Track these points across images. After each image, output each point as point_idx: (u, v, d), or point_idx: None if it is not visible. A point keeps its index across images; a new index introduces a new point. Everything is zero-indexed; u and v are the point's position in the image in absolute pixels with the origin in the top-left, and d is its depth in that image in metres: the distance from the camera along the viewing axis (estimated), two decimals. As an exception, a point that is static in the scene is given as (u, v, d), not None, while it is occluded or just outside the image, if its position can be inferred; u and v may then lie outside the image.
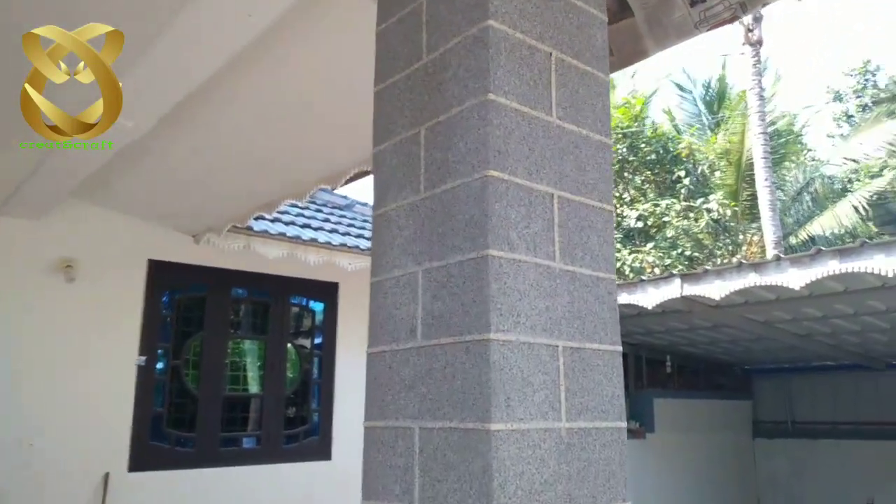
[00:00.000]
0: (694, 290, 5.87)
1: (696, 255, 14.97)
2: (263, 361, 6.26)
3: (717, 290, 5.71)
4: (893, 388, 8.48)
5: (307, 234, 6.04)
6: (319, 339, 6.62)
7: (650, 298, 6.08)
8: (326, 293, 6.61)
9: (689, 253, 14.87)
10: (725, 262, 14.33)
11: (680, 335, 7.82)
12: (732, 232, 15.88)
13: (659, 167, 16.46)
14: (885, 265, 4.68)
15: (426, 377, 1.35)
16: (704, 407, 8.90)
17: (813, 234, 15.68)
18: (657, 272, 13.71)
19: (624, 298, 6.15)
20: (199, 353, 5.85)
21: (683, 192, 15.87)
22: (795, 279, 5.19)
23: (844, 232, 15.40)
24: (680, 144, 16.60)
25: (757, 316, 6.76)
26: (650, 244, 14.95)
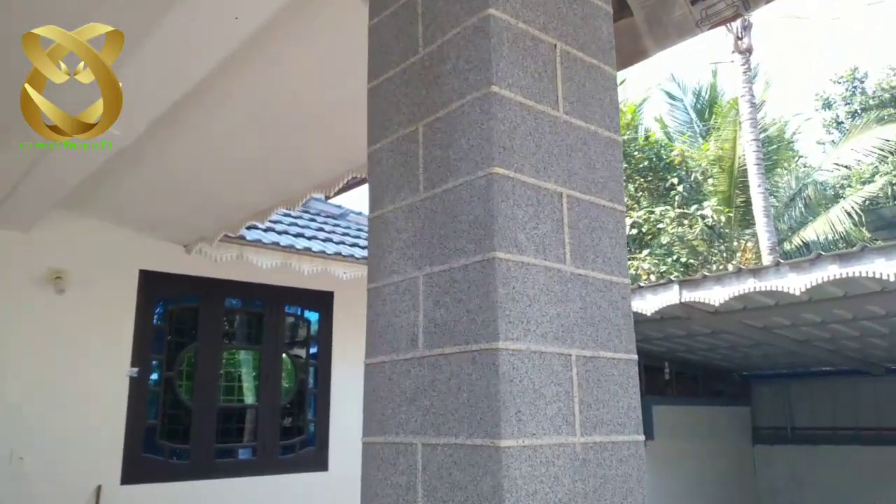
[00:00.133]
0: (693, 296, 5.82)
1: (691, 261, 14.96)
2: (258, 372, 6.18)
3: (716, 295, 5.66)
4: (892, 393, 8.43)
5: (301, 243, 5.97)
6: (315, 349, 6.56)
7: (649, 305, 6.01)
8: (321, 303, 6.54)
9: (684, 260, 14.84)
10: (722, 268, 14.32)
11: (678, 342, 7.75)
12: (727, 238, 15.88)
13: (652, 174, 16.47)
14: (885, 269, 4.64)
15: (429, 389, 1.25)
16: (703, 413, 8.83)
17: (807, 239, 15.72)
18: (653, 279, 13.67)
19: (622, 305, 6.07)
20: (192, 364, 5.77)
21: (677, 199, 15.87)
22: (795, 284, 5.15)
23: (838, 237, 15.45)
24: (672, 152, 16.62)
25: (756, 322, 6.71)
26: (645, 251, 14.92)
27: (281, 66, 2.91)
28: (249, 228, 5.75)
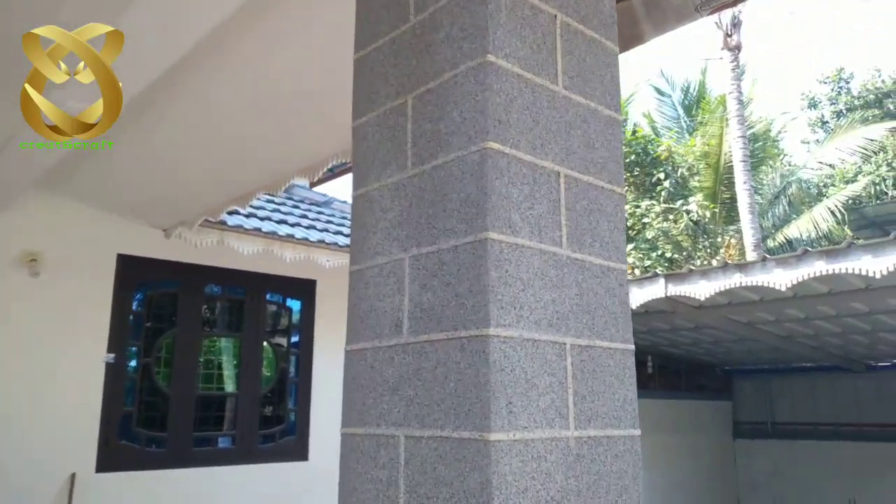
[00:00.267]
0: (678, 290, 5.81)
1: (675, 256, 15.01)
2: (238, 360, 6.08)
3: (701, 290, 5.66)
4: (872, 389, 8.51)
5: (283, 229, 5.87)
6: (296, 337, 6.47)
7: (634, 298, 5.99)
8: (304, 291, 6.44)
9: (669, 255, 14.89)
10: (706, 263, 14.37)
11: (662, 336, 7.75)
12: (712, 234, 15.94)
13: (639, 169, 16.47)
14: (872, 266, 4.64)
15: (413, 378, 1.17)
16: (685, 407, 8.85)
17: (790, 237, 15.84)
18: (637, 273, 13.69)
19: (608, 298, 6.04)
20: (171, 350, 5.66)
21: (663, 194, 15.90)
22: (781, 280, 5.15)
23: (821, 236, 15.58)
24: (659, 147, 16.63)
25: (740, 317, 6.73)
26: (630, 245, 14.94)
27: (266, 46, 2.80)
28: (231, 214, 5.64)
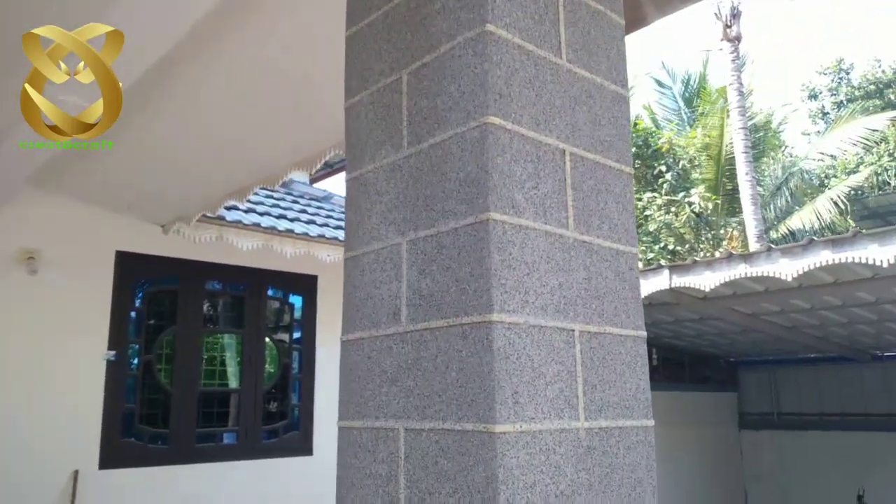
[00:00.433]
0: (683, 281, 5.74)
1: (678, 249, 14.94)
2: (240, 356, 6.04)
3: (706, 281, 5.59)
4: (878, 379, 8.45)
5: (283, 224, 5.81)
6: (299, 333, 6.43)
7: (638, 290, 5.92)
8: (305, 286, 6.39)
9: (671, 247, 14.81)
10: (709, 255, 14.30)
11: (666, 328, 7.69)
12: (714, 226, 15.86)
13: (640, 162, 16.38)
14: (878, 254, 4.56)
15: (413, 368, 1.11)
16: (690, 399, 8.79)
17: (793, 228, 15.78)
18: (640, 266, 13.61)
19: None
20: (172, 347, 5.62)
21: (665, 186, 15.81)
22: (787, 270, 5.08)
23: (823, 227, 15.50)
24: (660, 139, 16.54)
25: (744, 308, 6.66)
26: (633, 238, 14.84)
27: (259, 36, 2.74)
28: (230, 209, 5.59)
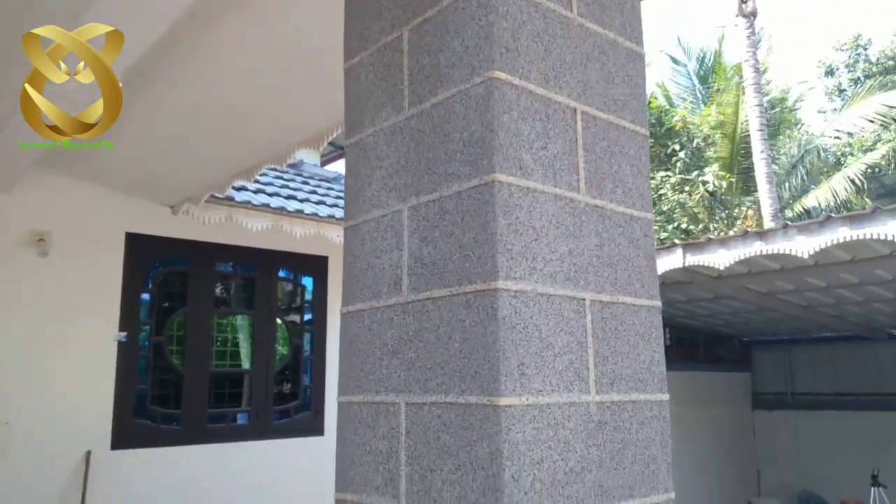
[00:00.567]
0: (697, 259, 5.65)
1: (691, 228, 14.80)
2: (252, 337, 6.04)
3: (721, 259, 5.49)
4: (894, 358, 8.33)
5: (292, 205, 5.77)
6: (310, 314, 6.42)
7: (652, 268, 5.84)
8: (315, 267, 6.36)
9: (684, 226, 14.68)
10: (723, 234, 14.15)
11: (679, 307, 7.61)
12: (728, 205, 15.68)
13: (653, 140, 16.18)
14: (898, 231, 4.45)
15: (414, 340, 1.06)
16: (703, 379, 8.73)
17: (808, 207, 15.56)
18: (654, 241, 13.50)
19: (624, 269, 5.92)
20: (183, 328, 5.62)
21: (679, 165, 15.62)
22: (803, 247, 4.98)
23: (839, 204, 15.28)
24: (674, 118, 16.31)
25: (759, 286, 6.56)
26: (645, 217, 14.71)
27: (268, 14, 2.67)
28: (239, 190, 5.56)
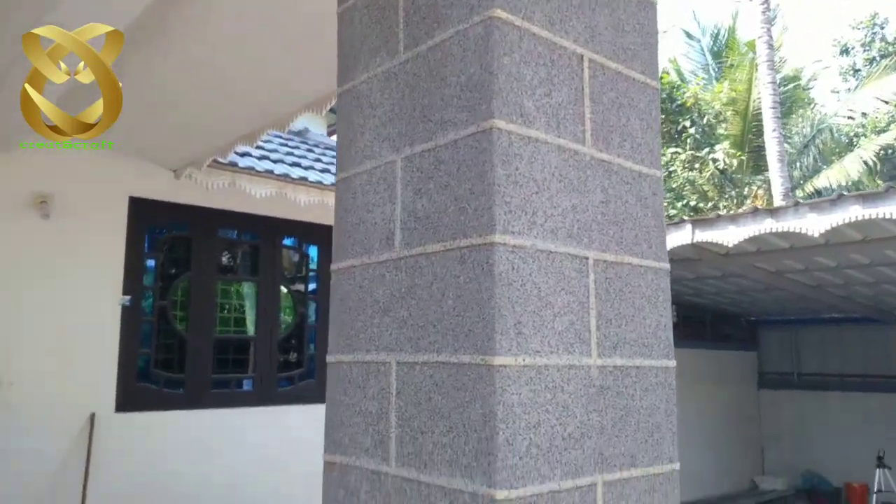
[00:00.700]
0: (706, 236, 5.57)
1: (701, 206, 14.67)
2: (256, 304, 6.03)
3: (730, 236, 5.42)
4: (903, 340, 8.28)
5: (296, 172, 5.70)
6: (315, 283, 6.40)
7: (659, 244, 5.77)
8: (320, 236, 6.31)
9: (694, 204, 14.55)
10: (733, 211, 14.01)
11: (686, 284, 7.55)
12: (738, 184, 15.50)
13: (664, 116, 15.97)
14: (912, 210, 4.36)
15: (407, 297, 1.00)
16: (709, 358, 8.70)
17: (819, 187, 15.38)
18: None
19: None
20: (186, 294, 5.61)
21: (689, 141, 15.43)
22: (814, 225, 4.90)
23: (851, 185, 15.10)
24: (686, 94, 16.07)
25: (768, 265, 6.49)
26: (654, 194, 14.58)
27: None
28: (243, 156, 5.50)
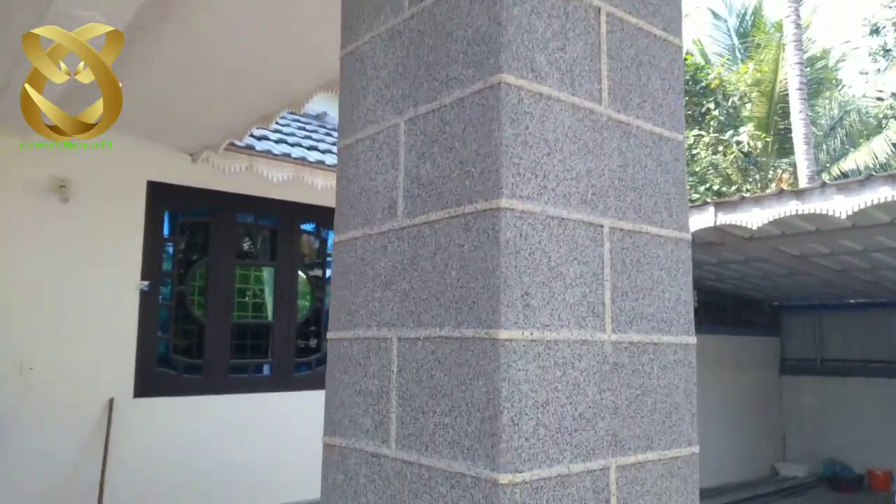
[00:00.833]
0: (729, 218, 5.45)
1: (724, 190, 14.42)
2: (274, 289, 6.03)
3: (754, 218, 5.30)
4: (931, 326, 8.08)
5: (314, 156, 5.68)
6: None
7: (680, 227, 5.65)
8: (337, 220, 6.30)
9: (717, 188, 14.31)
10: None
11: (708, 269, 7.41)
12: (763, 167, 15.20)
13: (687, 98, 15.67)
14: (947, 189, 4.21)
15: (409, 269, 0.94)
16: (731, 343, 8.57)
17: (846, 170, 15.05)
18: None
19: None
20: (205, 279, 5.62)
21: (713, 124, 15.14)
22: (841, 207, 4.77)
23: (879, 168, 14.75)
24: (710, 75, 15.75)
25: (792, 249, 6.34)
26: (676, 178, 14.37)
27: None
28: (260, 140, 5.49)
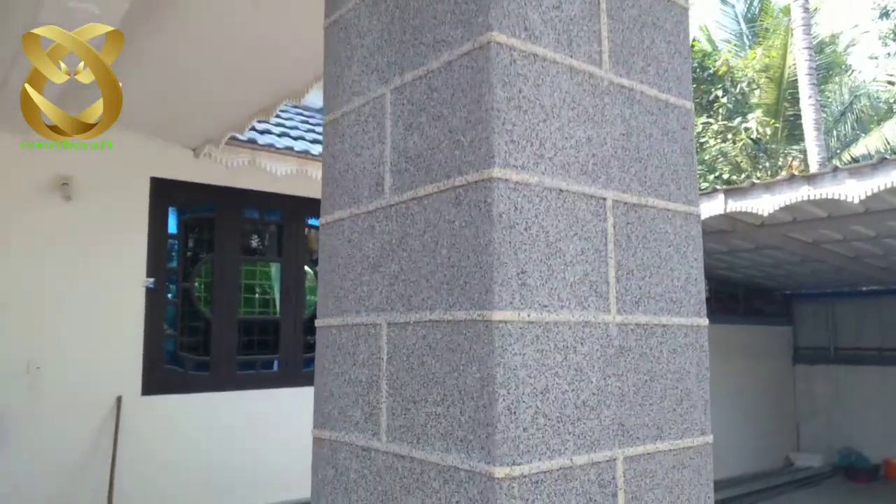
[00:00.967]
0: (739, 205, 5.38)
1: (733, 178, 14.29)
2: (280, 285, 6.00)
3: (764, 205, 5.23)
4: (946, 313, 7.96)
5: (317, 149, 5.63)
6: (340, 264, 6.34)
7: (690, 215, 5.56)
8: (341, 215, 6.24)
9: (726, 176, 14.19)
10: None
11: (718, 258, 7.33)
12: (773, 154, 15.04)
13: (695, 85, 15.51)
14: (962, 172, 4.12)
15: (398, 249, 0.87)
16: (743, 333, 8.48)
17: (857, 155, 14.90)
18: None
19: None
20: (210, 275, 5.59)
21: (721, 111, 14.99)
22: (854, 191, 4.69)
23: (890, 152, 14.59)
24: (717, 62, 15.59)
25: (804, 236, 6.26)
26: (685, 167, 14.25)
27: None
28: (262, 133, 5.45)
